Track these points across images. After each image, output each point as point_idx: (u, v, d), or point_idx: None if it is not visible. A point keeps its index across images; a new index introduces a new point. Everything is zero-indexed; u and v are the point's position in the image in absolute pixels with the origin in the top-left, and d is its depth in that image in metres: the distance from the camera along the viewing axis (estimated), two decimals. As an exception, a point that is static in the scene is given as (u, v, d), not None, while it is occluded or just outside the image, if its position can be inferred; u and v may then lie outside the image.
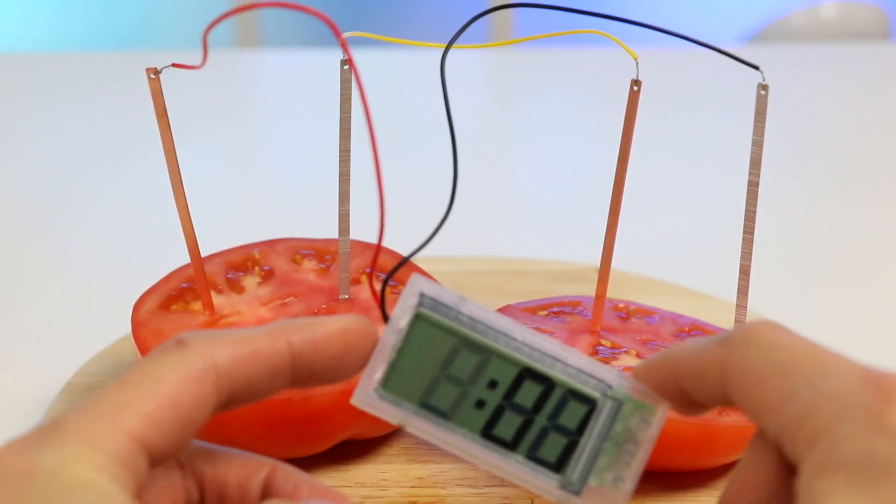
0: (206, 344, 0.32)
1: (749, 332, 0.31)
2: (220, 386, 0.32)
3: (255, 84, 1.23)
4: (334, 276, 0.51)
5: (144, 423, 0.30)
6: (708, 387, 0.32)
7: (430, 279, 0.36)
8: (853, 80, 1.15)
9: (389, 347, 0.35)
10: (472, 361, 0.35)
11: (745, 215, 0.46)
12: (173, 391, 0.31)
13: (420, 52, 1.18)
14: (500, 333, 0.35)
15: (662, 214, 0.80)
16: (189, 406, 0.31)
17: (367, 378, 0.35)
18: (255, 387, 0.33)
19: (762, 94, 0.43)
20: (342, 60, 0.45)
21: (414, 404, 0.34)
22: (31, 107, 1.07)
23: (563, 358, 0.35)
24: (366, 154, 0.36)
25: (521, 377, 0.35)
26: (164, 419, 0.30)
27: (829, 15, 1.64)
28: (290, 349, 0.33)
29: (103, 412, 0.30)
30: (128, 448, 0.29)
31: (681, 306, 0.56)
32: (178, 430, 0.31)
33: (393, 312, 0.35)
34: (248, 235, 0.56)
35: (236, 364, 0.32)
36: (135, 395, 0.30)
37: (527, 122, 1.04)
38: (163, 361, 0.31)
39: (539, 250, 0.70)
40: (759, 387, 0.30)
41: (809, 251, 0.74)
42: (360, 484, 0.46)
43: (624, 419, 0.35)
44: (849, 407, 0.28)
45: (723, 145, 0.95)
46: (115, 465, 0.29)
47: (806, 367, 0.30)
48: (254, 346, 0.33)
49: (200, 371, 0.31)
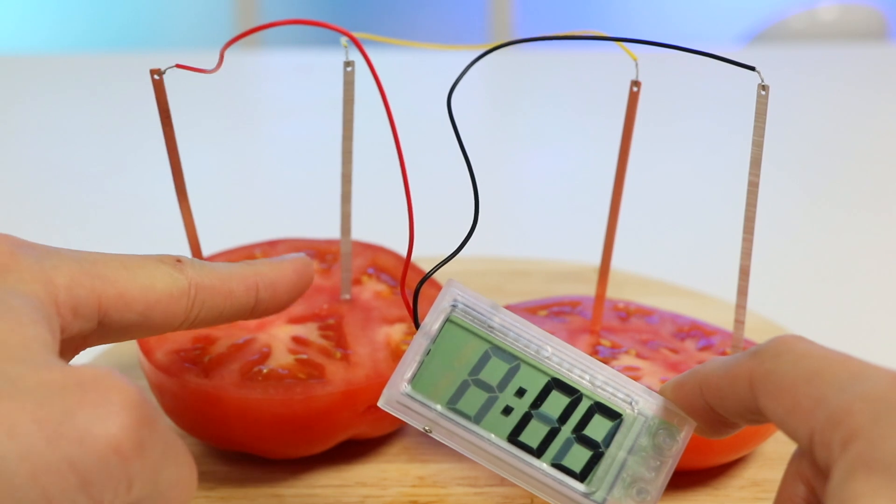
0: (196, 273, 0.38)
1: (780, 343, 0.32)
2: (192, 311, 0.37)
3: (256, 84, 1.23)
4: (335, 276, 0.51)
5: (117, 302, 0.35)
6: (737, 399, 0.33)
7: (464, 286, 0.37)
8: (852, 81, 1.15)
9: (421, 350, 0.35)
10: (502, 368, 0.35)
11: (745, 216, 0.46)
12: (155, 294, 0.36)
13: (420, 52, 1.18)
14: (531, 343, 0.36)
15: (662, 214, 0.80)
16: (159, 314, 0.36)
17: (397, 378, 0.35)
18: (217, 318, 0.39)
19: (762, 95, 0.43)
20: (345, 62, 0.45)
21: (442, 405, 0.35)
22: (34, 108, 1.08)
23: (591, 371, 0.35)
24: (365, 154, 0.37)
25: (548, 387, 0.35)
26: (134, 310, 0.36)
27: (828, 17, 1.64)
28: (256, 295, 0.39)
29: (90, 270, 0.35)
30: (88, 306, 0.34)
31: (681, 306, 0.56)
32: (135, 324, 0.36)
33: (426, 318, 0.36)
34: (250, 235, 0.56)
35: (212, 298, 0.38)
36: (123, 276, 0.35)
37: (527, 123, 1.04)
38: (157, 268, 0.37)
39: (539, 250, 0.70)
40: (791, 393, 0.31)
41: (809, 251, 0.74)
42: (360, 483, 0.46)
43: (650, 434, 0.35)
44: (885, 408, 0.29)
45: (723, 145, 0.95)
46: (66, 312, 0.33)
47: (838, 373, 0.30)
48: (230, 286, 0.38)
49: (183, 292, 0.37)
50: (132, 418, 0.29)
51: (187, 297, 0.37)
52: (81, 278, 0.34)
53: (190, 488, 0.32)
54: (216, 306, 0.38)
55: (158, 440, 0.30)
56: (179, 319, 0.37)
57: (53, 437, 0.27)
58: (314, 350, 0.47)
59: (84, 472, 0.28)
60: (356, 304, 0.50)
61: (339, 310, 0.49)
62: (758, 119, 0.44)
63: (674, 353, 0.49)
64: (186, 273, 0.37)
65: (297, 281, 0.41)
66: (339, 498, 0.45)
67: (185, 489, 0.31)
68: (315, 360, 0.46)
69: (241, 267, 0.40)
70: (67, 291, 0.34)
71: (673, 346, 0.50)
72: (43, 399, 0.28)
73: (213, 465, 0.47)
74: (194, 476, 0.32)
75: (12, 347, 0.29)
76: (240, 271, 0.39)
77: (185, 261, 0.38)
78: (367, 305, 0.50)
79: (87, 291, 0.34)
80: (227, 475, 0.47)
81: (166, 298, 0.36)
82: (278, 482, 0.46)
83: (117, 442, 0.28)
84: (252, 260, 0.41)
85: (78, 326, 0.34)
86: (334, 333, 0.48)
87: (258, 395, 0.44)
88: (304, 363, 0.46)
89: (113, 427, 0.28)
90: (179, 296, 0.37)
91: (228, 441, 0.46)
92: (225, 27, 2.28)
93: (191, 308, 0.37)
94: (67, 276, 0.34)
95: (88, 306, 0.34)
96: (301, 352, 0.46)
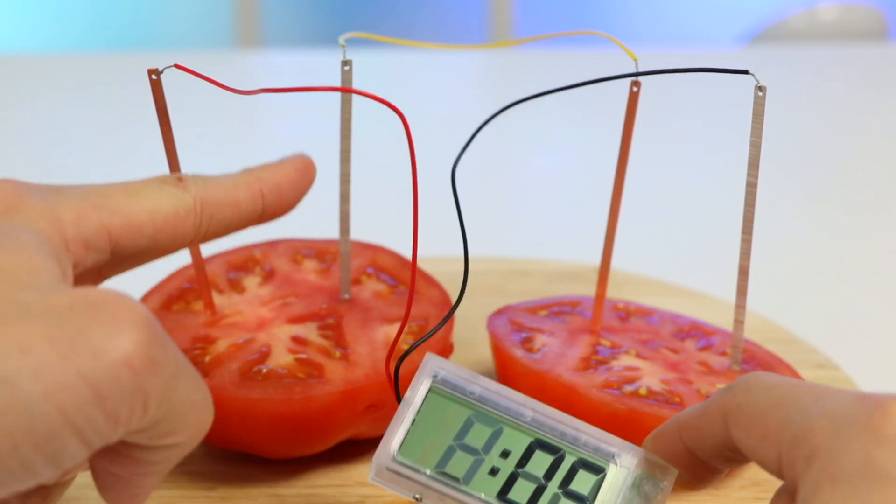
0: (200, 189, 0.38)
1: (750, 378, 0.33)
2: (201, 227, 0.38)
3: (255, 84, 1.23)
4: (335, 276, 0.51)
5: (126, 230, 0.35)
6: (713, 436, 0.34)
7: (443, 358, 0.38)
8: (852, 82, 1.15)
9: (405, 420, 0.37)
10: (486, 433, 0.37)
11: (744, 216, 0.46)
12: (161, 216, 0.36)
13: (421, 52, 1.18)
14: (510, 408, 0.37)
15: (662, 214, 0.80)
16: (169, 235, 0.37)
17: (385, 448, 0.36)
18: (226, 229, 0.39)
19: (759, 96, 0.43)
20: (343, 61, 0.45)
21: (430, 469, 0.36)
22: (34, 108, 1.08)
23: (572, 430, 0.37)
24: (366, 155, 0.37)
25: (531, 447, 0.36)
26: (144, 235, 0.36)
27: (828, 17, 1.64)
28: (262, 201, 0.39)
29: (95, 202, 0.35)
30: (98, 238, 0.35)
31: (681, 306, 0.56)
32: (147, 248, 0.36)
33: (407, 392, 0.37)
34: (249, 235, 0.56)
35: (220, 211, 0.38)
36: (128, 204, 0.36)
37: (526, 123, 1.04)
38: (160, 189, 0.37)
39: (539, 250, 0.70)
40: (761, 422, 0.32)
41: (810, 251, 0.74)
42: (360, 484, 0.46)
43: (635, 486, 0.36)
44: (846, 422, 0.29)
45: (723, 145, 0.95)
46: (77, 247, 0.34)
47: (803, 396, 0.31)
48: (236, 196, 0.39)
49: (190, 210, 0.37)
50: (143, 336, 0.29)
51: (194, 214, 0.37)
52: (88, 212, 0.35)
53: (206, 414, 0.32)
54: (224, 218, 0.39)
55: (170, 359, 0.30)
56: (189, 237, 0.38)
57: (67, 354, 0.28)
58: (313, 350, 0.47)
59: (98, 387, 0.28)
60: (355, 304, 0.50)
61: (338, 309, 0.49)
62: (755, 120, 0.44)
63: (674, 353, 0.50)
64: (190, 190, 0.38)
65: (300, 180, 0.41)
66: (339, 498, 0.45)
67: (200, 413, 0.32)
68: (314, 359, 0.46)
69: (244, 175, 0.40)
70: (76, 227, 0.34)
71: (673, 346, 0.50)
72: (55, 320, 0.28)
73: (213, 464, 0.47)
74: (209, 401, 0.33)
75: (21, 276, 0.30)
76: (243, 179, 0.40)
77: (186, 178, 0.38)
78: (366, 305, 0.50)
79: (96, 224, 0.35)
80: (227, 475, 0.47)
81: (174, 219, 0.37)
82: (278, 482, 0.46)
83: (130, 357, 0.29)
84: (252, 167, 0.41)
85: (91, 259, 0.35)
86: (333, 333, 0.48)
87: (258, 394, 0.44)
88: (303, 363, 0.46)
89: (125, 343, 0.29)
90: (186, 214, 0.37)
91: (228, 441, 0.46)
92: (225, 27, 2.28)
93: (199, 224, 0.38)
94: (74, 212, 0.34)
95: (99, 238, 0.35)
96: (300, 351, 0.46)
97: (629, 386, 0.46)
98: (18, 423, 0.27)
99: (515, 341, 0.48)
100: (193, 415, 0.31)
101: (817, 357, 0.54)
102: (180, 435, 0.31)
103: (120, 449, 0.31)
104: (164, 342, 0.30)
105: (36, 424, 0.27)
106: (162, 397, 0.30)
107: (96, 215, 0.35)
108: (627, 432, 0.45)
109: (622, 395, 0.45)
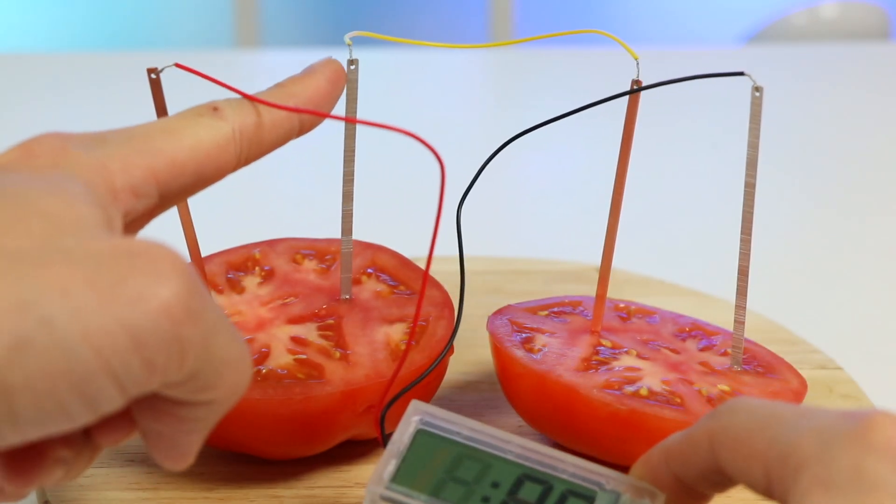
0: (237, 116, 0.38)
1: (735, 401, 0.33)
2: (241, 153, 0.38)
3: (255, 84, 1.23)
4: (335, 276, 0.51)
5: (171, 170, 0.35)
6: (699, 460, 0.34)
7: (427, 404, 0.39)
8: (853, 80, 1.15)
9: (396, 456, 0.37)
10: (475, 468, 0.37)
11: (743, 216, 0.46)
12: (203, 151, 0.36)
13: (423, 51, 1.18)
14: (496, 446, 0.38)
15: (663, 214, 0.80)
16: (211, 167, 0.37)
17: (377, 479, 0.37)
18: (267, 150, 0.39)
19: (756, 96, 0.43)
20: (349, 60, 0.45)
21: (425, 495, 0.37)
22: (34, 108, 1.07)
23: (559, 465, 0.37)
24: (365, 155, 0.37)
25: (520, 480, 0.37)
26: (187, 172, 0.36)
27: (830, 15, 1.64)
28: (300, 117, 0.40)
29: (140, 147, 0.35)
30: (146, 184, 0.34)
31: (681, 306, 0.56)
32: (191, 184, 0.36)
33: (394, 435, 0.38)
34: (249, 235, 0.56)
35: (258, 135, 0.38)
36: (169, 143, 0.36)
37: (527, 123, 1.04)
38: (197, 123, 0.37)
39: (539, 250, 0.70)
40: (747, 443, 0.32)
41: (810, 251, 0.74)
42: (360, 484, 0.46)
43: None
44: (833, 434, 0.30)
45: (723, 145, 0.95)
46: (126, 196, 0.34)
47: (787, 415, 0.31)
48: (273, 118, 0.39)
49: (229, 138, 0.37)
50: (183, 286, 0.29)
51: (234, 142, 0.37)
52: (134, 158, 0.35)
53: (244, 370, 0.32)
54: (263, 141, 0.39)
55: (209, 311, 0.30)
56: (232, 165, 0.38)
57: (106, 299, 0.28)
58: (313, 350, 0.47)
59: (136, 333, 0.28)
60: (355, 304, 0.50)
61: (338, 310, 0.49)
62: (752, 120, 0.44)
63: (675, 353, 0.49)
64: (228, 119, 0.37)
65: (332, 90, 0.41)
66: (339, 499, 0.45)
67: (238, 369, 0.32)
68: (314, 360, 0.46)
69: (278, 92, 0.40)
70: (123, 175, 0.34)
71: (674, 347, 0.50)
72: (96, 265, 0.28)
73: (213, 465, 0.47)
74: (248, 359, 0.32)
75: (65, 222, 0.30)
76: (278, 97, 0.39)
77: (221, 106, 0.38)
78: (366, 305, 0.50)
79: (143, 171, 0.35)
80: (227, 475, 0.46)
81: (215, 151, 0.37)
82: (278, 483, 0.46)
83: (168, 306, 0.28)
84: (283, 81, 0.41)
85: (142, 205, 0.35)
86: (333, 333, 0.48)
87: (257, 395, 0.44)
88: (303, 363, 0.46)
89: (164, 291, 0.29)
90: (227, 144, 0.37)
91: (227, 442, 0.46)
92: (225, 27, 2.28)
93: (240, 152, 0.38)
94: (120, 161, 0.34)
95: (147, 184, 0.35)
96: (300, 352, 0.46)
97: (630, 386, 0.46)
98: (56, 363, 0.27)
99: (516, 341, 0.48)
100: (231, 370, 0.31)
101: (819, 357, 0.54)
102: (218, 390, 0.31)
103: (160, 405, 0.31)
104: (204, 295, 0.30)
105: (73, 365, 0.27)
106: (199, 349, 0.30)
107: (142, 161, 0.35)
108: (628, 433, 0.45)
109: (623, 396, 0.45)
